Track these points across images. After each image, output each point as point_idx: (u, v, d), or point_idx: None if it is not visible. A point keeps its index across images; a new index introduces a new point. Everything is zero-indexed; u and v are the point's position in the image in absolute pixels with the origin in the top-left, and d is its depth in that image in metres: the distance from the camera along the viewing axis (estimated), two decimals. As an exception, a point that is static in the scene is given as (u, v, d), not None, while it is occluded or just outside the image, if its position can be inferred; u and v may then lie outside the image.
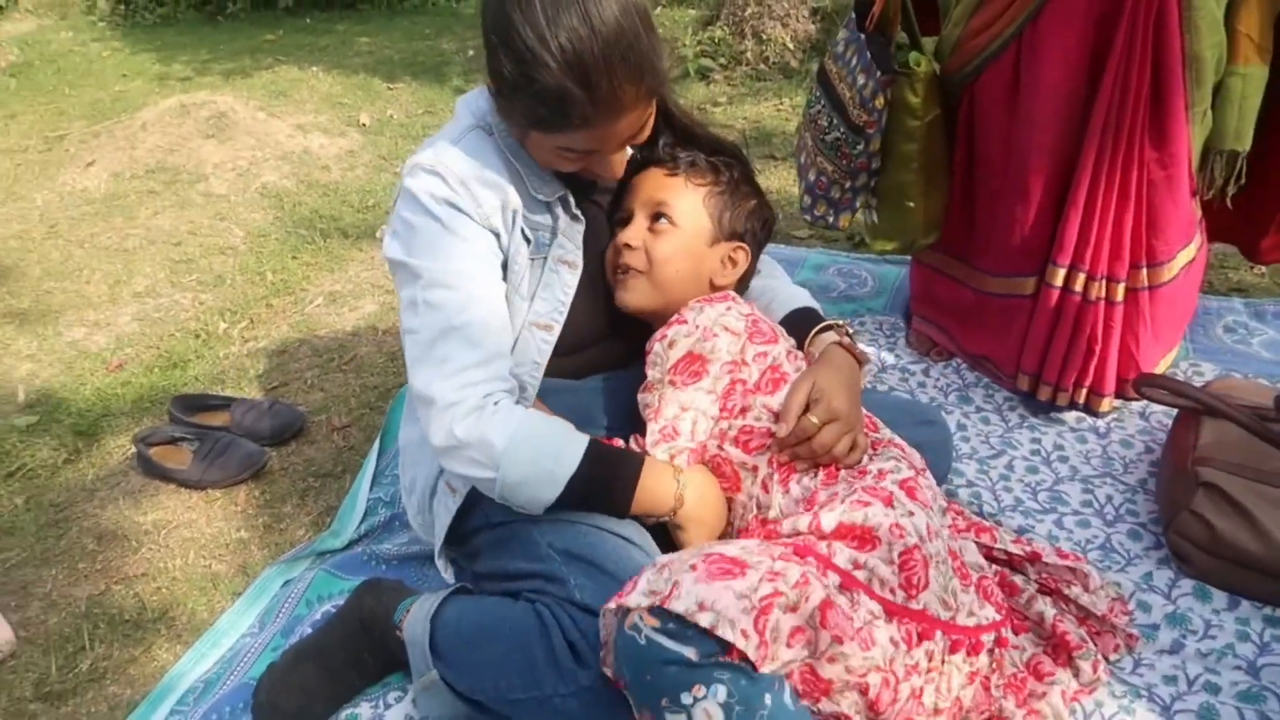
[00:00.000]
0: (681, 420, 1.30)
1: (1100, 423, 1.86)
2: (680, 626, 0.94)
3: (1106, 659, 1.37)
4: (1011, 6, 1.65)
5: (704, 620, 0.92)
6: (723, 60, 4.17)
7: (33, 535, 1.87)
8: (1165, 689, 1.32)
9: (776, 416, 1.29)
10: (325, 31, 5.56)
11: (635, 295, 1.40)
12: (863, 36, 1.79)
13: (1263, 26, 1.60)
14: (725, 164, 1.44)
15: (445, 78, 4.68)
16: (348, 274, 2.89)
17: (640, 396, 1.36)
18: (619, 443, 1.33)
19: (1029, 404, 1.92)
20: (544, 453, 1.19)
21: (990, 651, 1.20)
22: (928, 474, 1.31)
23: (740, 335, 1.33)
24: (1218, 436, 1.56)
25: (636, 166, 1.42)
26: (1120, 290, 1.72)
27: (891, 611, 1.10)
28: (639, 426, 1.35)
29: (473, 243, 1.24)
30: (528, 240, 1.31)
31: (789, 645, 0.98)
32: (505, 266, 1.30)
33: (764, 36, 4.13)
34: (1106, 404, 1.83)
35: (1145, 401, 1.84)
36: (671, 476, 1.25)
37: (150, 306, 2.77)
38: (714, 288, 1.45)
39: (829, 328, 1.43)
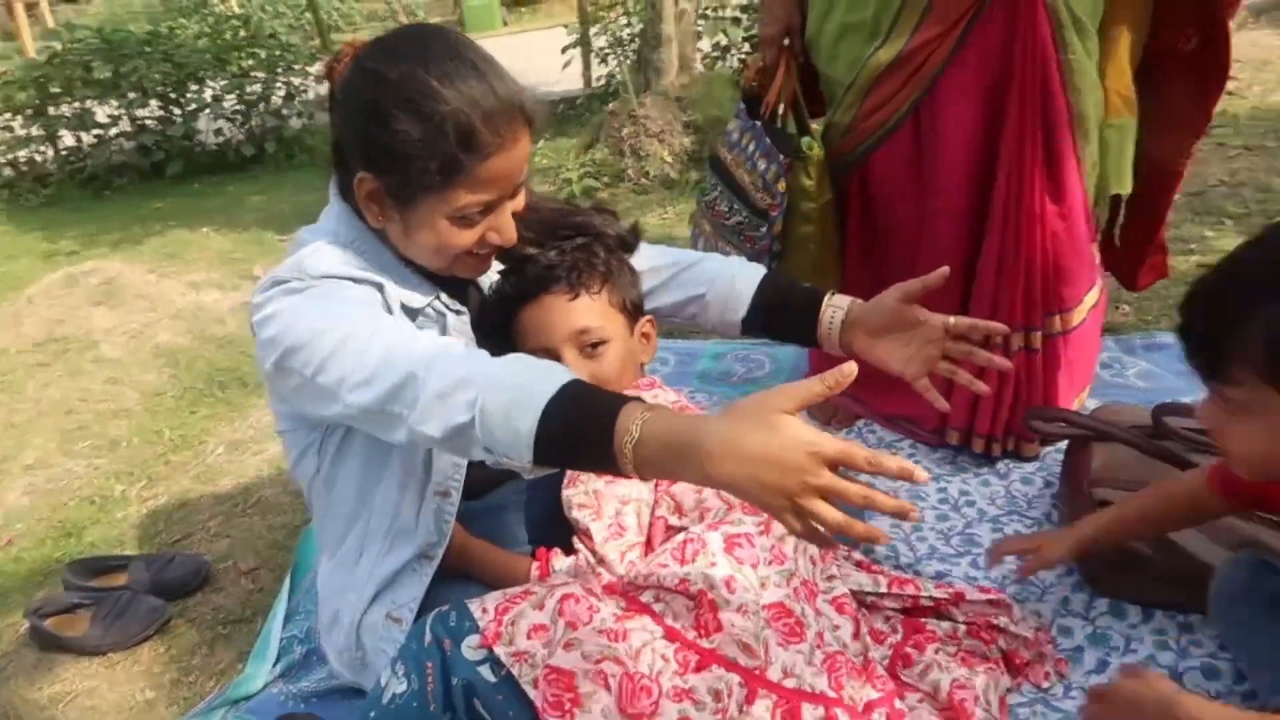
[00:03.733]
0: (625, 515, 1.29)
1: (1000, 465, 1.91)
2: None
3: (1039, 687, 1.38)
4: (906, 85, 1.74)
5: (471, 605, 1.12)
6: (606, 179, 4.34)
7: (-84, 731, 1.73)
8: (1096, 707, 1.33)
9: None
10: (215, 194, 5.59)
11: None
12: (758, 124, 1.88)
13: (1128, 83, 1.75)
14: (590, 247, 1.41)
15: (339, 225, 4.73)
16: (249, 420, 2.84)
17: (566, 494, 1.31)
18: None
19: (930, 457, 1.97)
20: (519, 385, 0.99)
21: None
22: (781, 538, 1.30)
23: None
24: (1109, 458, 1.62)
25: (509, 302, 1.39)
26: (1038, 338, 1.80)
27: (671, 635, 1.12)
28: (562, 532, 1.32)
29: (359, 293, 1.18)
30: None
31: (529, 637, 1.08)
32: None
33: (642, 153, 4.32)
34: (1034, 447, 1.89)
35: (1058, 441, 1.87)
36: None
37: (41, 479, 2.65)
38: (640, 367, 1.47)
39: None
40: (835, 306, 1.38)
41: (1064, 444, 1.83)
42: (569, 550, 1.30)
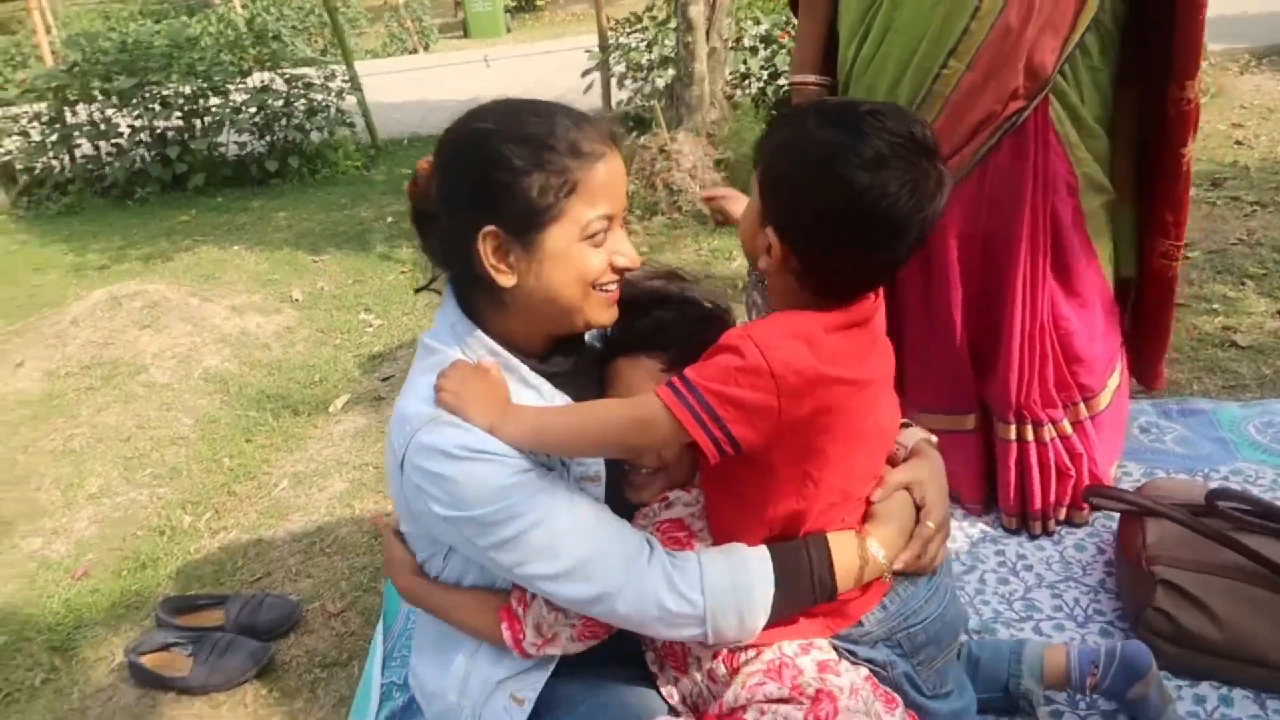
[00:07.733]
0: None
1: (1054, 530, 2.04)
2: None
3: None
4: None
5: None
6: (639, 211, 4.45)
7: (26, 766, 1.82)
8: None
9: None
10: (240, 209, 5.66)
11: None
12: None
13: (1124, 180, 1.87)
14: (708, 319, 1.43)
15: (369, 245, 4.82)
16: (308, 453, 2.93)
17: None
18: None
19: (984, 518, 2.09)
20: (741, 590, 1.19)
21: None
22: None
23: None
24: (1162, 535, 1.74)
25: (613, 345, 1.41)
26: (1067, 426, 1.93)
27: None
28: None
29: (516, 463, 1.19)
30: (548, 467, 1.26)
31: None
32: None
33: (675, 188, 4.43)
34: (1084, 515, 2.02)
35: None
36: (854, 546, 1.27)
37: (107, 507, 2.74)
38: None
39: None
40: (900, 444, 1.48)
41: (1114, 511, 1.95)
42: None
